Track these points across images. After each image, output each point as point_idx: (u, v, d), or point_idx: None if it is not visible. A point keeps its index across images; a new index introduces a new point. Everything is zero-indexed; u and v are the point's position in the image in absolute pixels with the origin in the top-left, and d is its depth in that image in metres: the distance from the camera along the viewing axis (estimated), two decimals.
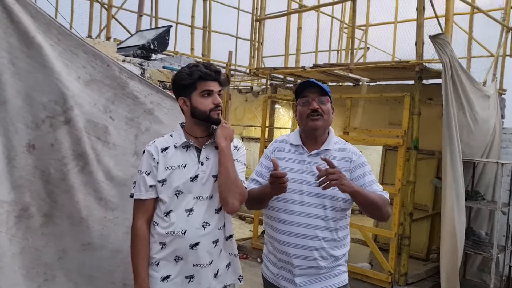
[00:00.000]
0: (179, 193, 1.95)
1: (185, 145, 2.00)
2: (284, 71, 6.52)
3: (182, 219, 1.94)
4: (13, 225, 2.01)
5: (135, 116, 2.46)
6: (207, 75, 1.96)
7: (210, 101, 1.97)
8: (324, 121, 2.10)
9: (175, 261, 1.95)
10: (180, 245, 1.93)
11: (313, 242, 2.02)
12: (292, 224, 2.05)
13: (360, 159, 2.13)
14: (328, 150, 2.12)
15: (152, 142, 2.03)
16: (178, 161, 1.97)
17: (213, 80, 1.98)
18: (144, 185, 1.96)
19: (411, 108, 4.83)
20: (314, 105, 2.08)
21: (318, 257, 2.03)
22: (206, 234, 1.96)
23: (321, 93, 2.11)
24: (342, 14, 9.20)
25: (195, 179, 1.97)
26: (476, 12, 6.15)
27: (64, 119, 2.14)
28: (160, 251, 1.96)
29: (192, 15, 7.77)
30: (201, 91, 1.96)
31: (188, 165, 1.98)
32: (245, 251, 6.26)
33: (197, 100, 1.97)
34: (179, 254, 1.95)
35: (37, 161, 2.10)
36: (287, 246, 2.06)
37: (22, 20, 2.02)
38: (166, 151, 1.99)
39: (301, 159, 2.13)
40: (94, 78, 2.30)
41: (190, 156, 2.00)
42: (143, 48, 3.32)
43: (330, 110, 2.13)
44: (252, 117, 9.09)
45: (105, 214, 2.26)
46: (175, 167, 1.96)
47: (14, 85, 2.02)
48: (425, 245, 5.95)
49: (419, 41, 4.71)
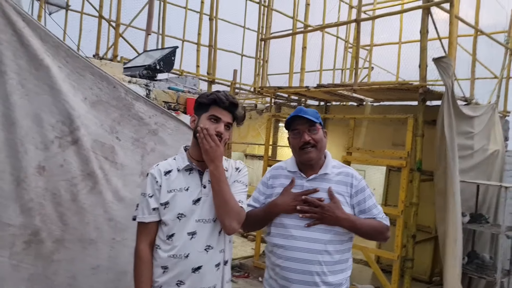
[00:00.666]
0: (182, 216, 1.94)
1: (188, 168, 2.01)
2: (288, 90, 6.57)
3: (185, 242, 1.94)
4: (21, 250, 2.00)
5: (140, 137, 2.49)
6: (221, 101, 1.98)
7: (213, 127, 1.97)
8: (318, 151, 2.11)
9: (177, 286, 1.94)
10: (182, 269, 1.93)
11: (314, 267, 2.01)
12: (293, 249, 2.03)
13: (361, 183, 2.13)
14: (326, 174, 2.12)
15: (156, 165, 2.03)
16: (181, 184, 1.97)
17: (226, 109, 2.00)
18: (147, 208, 1.96)
19: (415, 130, 4.84)
20: (305, 138, 2.08)
21: (319, 282, 2.01)
22: (208, 257, 1.96)
23: (310, 123, 2.11)
24: (347, 34, 9.29)
25: (198, 202, 1.97)
26: (480, 34, 6.20)
27: (71, 139, 2.17)
28: (162, 275, 1.95)
29: (199, 33, 7.87)
30: (210, 114, 1.99)
31: (191, 188, 1.98)
32: (246, 269, 6.21)
33: (203, 122, 1.99)
34: (181, 278, 1.93)
35: (47, 183, 2.11)
36: (287, 272, 2.05)
37: (31, 43, 2.07)
38: (169, 174, 1.99)
39: (300, 184, 2.12)
40: (100, 99, 2.34)
41: (193, 179, 2.00)
42: (149, 69, 3.36)
43: (322, 138, 2.13)
44: (256, 135, 9.12)
45: (114, 235, 2.26)
46: (178, 190, 1.96)
47: (23, 106, 2.06)
48: (428, 267, 5.89)
49: (422, 64, 4.74)
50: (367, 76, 8.81)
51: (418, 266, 5.62)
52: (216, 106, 1.99)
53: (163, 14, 7.01)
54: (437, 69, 4.44)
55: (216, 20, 7.73)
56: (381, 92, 5.63)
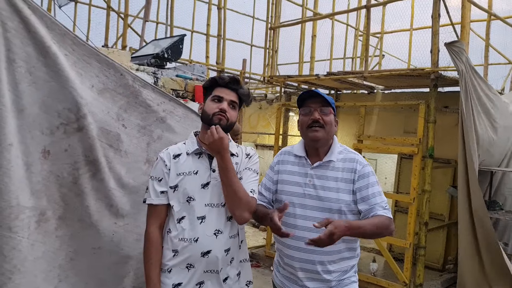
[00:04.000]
0: (191, 199, 1.96)
1: (197, 152, 2.02)
2: (298, 79, 6.52)
3: (195, 226, 1.94)
4: (34, 230, 2.05)
5: (147, 124, 2.49)
6: (221, 79, 2.03)
7: (216, 105, 1.99)
8: (325, 133, 2.05)
9: (187, 269, 1.95)
10: (192, 252, 1.94)
11: (316, 256, 1.99)
12: (295, 239, 2.00)
13: (365, 169, 2.06)
14: (330, 161, 2.07)
15: (166, 149, 2.06)
16: (190, 168, 1.98)
17: (227, 88, 2.02)
18: (155, 191, 1.98)
19: (426, 116, 4.78)
20: (315, 115, 2.04)
21: (321, 271, 2.01)
22: (218, 242, 1.96)
23: (324, 103, 2.06)
24: (357, 22, 9.18)
25: (207, 186, 1.97)
26: (493, 19, 6.07)
27: (77, 126, 2.18)
28: (172, 259, 1.96)
29: (207, 24, 7.83)
30: (213, 95, 2.02)
31: (200, 172, 1.98)
32: (258, 259, 6.23)
33: (207, 104, 2.02)
34: (190, 262, 1.95)
35: (52, 166, 2.14)
36: (292, 260, 2.05)
37: (38, 31, 2.06)
38: (178, 157, 2.00)
39: (304, 172, 2.09)
40: (107, 87, 2.33)
41: (202, 163, 2.00)
42: (157, 57, 3.35)
43: (332, 122, 2.08)
44: (266, 124, 9.09)
45: (116, 220, 2.29)
46: (187, 173, 1.97)
47: (31, 94, 2.06)
48: (441, 255, 5.85)
49: (434, 49, 4.67)
50: (378, 64, 8.71)
51: (431, 254, 5.58)
52: (218, 86, 2.03)
53: (171, 4, 6.99)
54: (449, 54, 4.36)
55: (224, 10, 7.69)
56: (392, 79, 5.56)
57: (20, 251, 1.99)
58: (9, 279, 1.95)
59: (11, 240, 1.96)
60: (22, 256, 1.99)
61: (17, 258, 1.98)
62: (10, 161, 1.95)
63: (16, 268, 1.97)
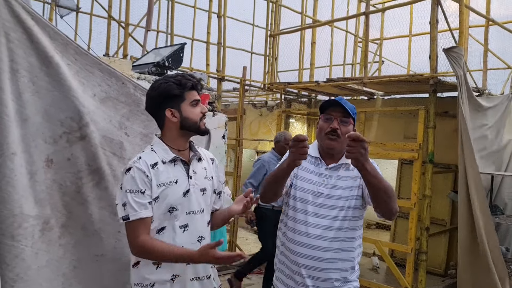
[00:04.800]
0: (173, 209, 1.89)
1: (172, 159, 1.93)
2: (298, 85, 6.56)
3: (178, 235, 1.89)
4: (38, 238, 2.07)
5: (149, 132, 2.51)
6: (195, 84, 1.96)
7: (198, 110, 1.96)
8: (340, 143, 2.08)
9: (171, 281, 1.89)
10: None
11: (323, 253, 2.04)
12: (303, 235, 2.07)
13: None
14: (346, 164, 2.13)
15: (137, 158, 1.90)
16: (169, 177, 1.90)
17: (195, 89, 1.98)
18: (140, 204, 1.84)
19: (426, 122, 4.80)
20: (334, 125, 2.09)
21: (329, 268, 2.04)
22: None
23: (345, 114, 2.10)
24: (356, 28, 9.22)
25: (187, 194, 1.93)
26: (492, 24, 6.11)
27: (79, 135, 2.20)
28: (155, 272, 1.88)
29: (207, 32, 7.87)
30: (190, 101, 1.94)
31: (179, 180, 1.92)
32: None
33: (188, 110, 1.93)
34: (175, 272, 1.90)
35: (55, 174, 2.16)
36: (297, 256, 2.09)
37: (41, 41, 2.10)
38: (156, 166, 1.89)
39: (319, 172, 2.15)
40: (109, 95, 2.36)
41: (179, 170, 1.94)
42: (158, 65, 3.38)
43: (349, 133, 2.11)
44: (267, 131, 9.11)
45: (119, 228, 2.30)
46: (167, 184, 1.89)
47: (34, 103, 2.10)
48: (443, 260, 5.84)
49: (432, 55, 4.70)
50: (377, 70, 8.74)
51: (433, 259, 5.57)
52: (192, 90, 1.96)
53: (172, 13, 7.04)
54: (448, 60, 4.39)
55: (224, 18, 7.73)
56: (391, 85, 5.59)
57: (23, 260, 1.99)
58: (11, 287, 1.96)
59: (14, 248, 1.97)
60: (25, 264, 2.00)
61: (20, 266, 1.99)
62: (13, 170, 1.98)
63: (19, 276, 1.98)
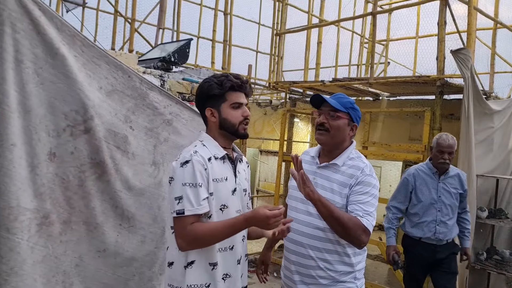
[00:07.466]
0: (224, 207, 1.84)
1: (222, 157, 1.89)
2: (303, 85, 6.53)
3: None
4: (35, 233, 2.03)
5: (154, 127, 2.50)
6: (238, 86, 1.87)
7: (239, 113, 1.89)
8: (330, 137, 2.06)
9: (223, 280, 1.84)
10: (230, 261, 1.87)
11: (312, 252, 2.03)
12: (295, 232, 2.07)
13: (367, 178, 2.01)
14: (335, 164, 2.08)
15: (194, 152, 1.81)
16: (222, 174, 1.85)
17: (242, 92, 1.90)
18: (198, 198, 1.75)
19: (432, 123, 4.77)
20: (321, 119, 2.08)
21: (315, 266, 2.02)
22: (244, 247, 1.97)
23: (332, 108, 2.05)
24: (362, 29, 9.20)
25: (235, 192, 1.90)
26: (500, 27, 6.07)
27: (84, 129, 2.18)
28: (211, 272, 1.81)
29: (213, 29, 7.88)
30: (231, 102, 1.87)
31: (229, 177, 1.89)
32: None
33: (227, 112, 1.87)
34: (227, 271, 1.86)
35: (57, 168, 2.13)
36: (288, 253, 2.12)
37: (48, 32, 2.07)
38: (211, 161, 1.83)
39: (312, 170, 2.14)
40: (115, 88, 2.34)
41: (228, 168, 1.90)
42: (163, 61, 3.37)
43: (339, 126, 2.06)
44: (271, 130, 9.10)
45: (121, 222, 2.28)
46: (219, 180, 1.84)
47: (38, 95, 2.07)
48: None
49: (440, 56, 4.67)
50: (383, 71, 8.71)
51: None
52: (233, 91, 1.87)
53: (178, 10, 7.04)
54: (455, 61, 4.35)
55: (231, 16, 7.73)
56: (397, 86, 5.56)
57: (18, 253, 1.95)
58: (5, 280, 1.92)
59: (9, 241, 1.93)
60: (20, 258, 1.96)
61: (15, 260, 1.95)
62: (12, 162, 1.93)
63: (13, 270, 1.94)
